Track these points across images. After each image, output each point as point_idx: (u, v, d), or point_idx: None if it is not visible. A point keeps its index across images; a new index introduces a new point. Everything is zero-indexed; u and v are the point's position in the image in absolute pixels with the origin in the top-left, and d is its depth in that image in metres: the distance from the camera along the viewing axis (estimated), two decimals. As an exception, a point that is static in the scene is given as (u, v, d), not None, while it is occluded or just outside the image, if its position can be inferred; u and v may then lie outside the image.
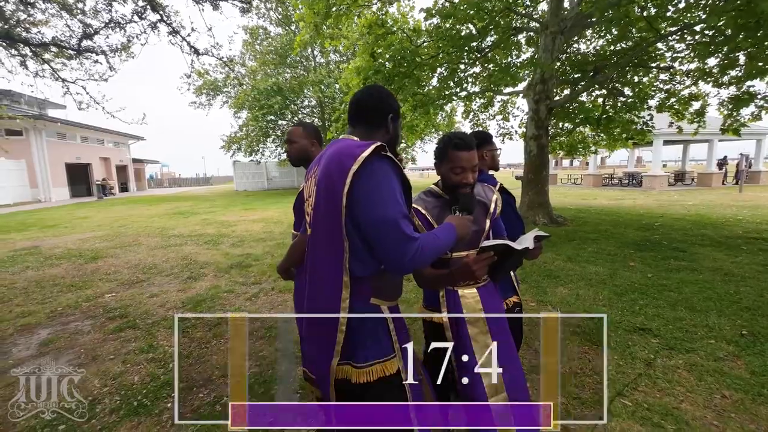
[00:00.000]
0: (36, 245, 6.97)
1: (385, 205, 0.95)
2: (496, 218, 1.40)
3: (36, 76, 5.28)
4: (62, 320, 3.50)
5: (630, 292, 3.62)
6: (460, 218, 1.20)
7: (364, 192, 0.97)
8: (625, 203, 11.78)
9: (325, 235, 1.03)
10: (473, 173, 1.28)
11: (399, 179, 1.03)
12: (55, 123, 19.81)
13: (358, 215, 0.98)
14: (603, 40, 8.96)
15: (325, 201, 1.02)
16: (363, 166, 0.97)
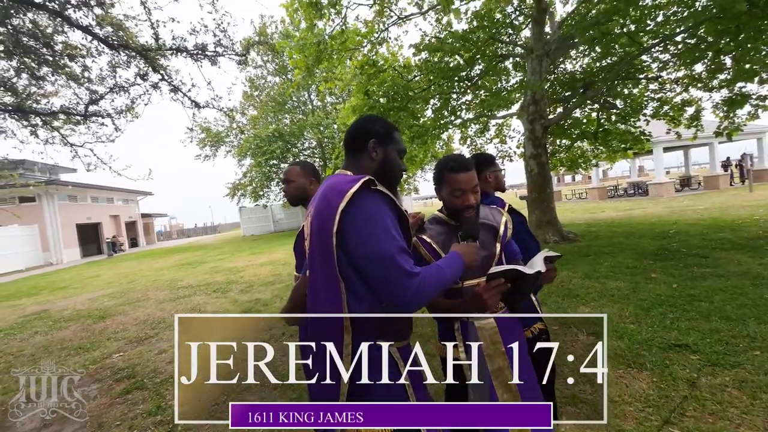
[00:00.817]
0: (45, 309, 6.93)
1: (378, 240, 0.89)
2: (508, 241, 1.33)
3: (46, 143, 5.51)
4: (63, 406, 3.37)
5: (657, 306, 3.43)
6: (466, 246, 1.14)
7: (355, 229, 0.92)
8: (635, 213, 11.59)
9: (321, 276, 0.97)
10: (475, 194, 1.23)
11: (393, 212, 0.97)
12: (66, 186, 20.48)
13: (353, 253, 0.92)
14: (588, 58, 9.25)
15: (318, 241, 0.97)
16: (351, 202, 0.92)
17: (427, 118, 9.14)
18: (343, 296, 0.92)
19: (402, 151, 1.15)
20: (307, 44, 7.70)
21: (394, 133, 1.13)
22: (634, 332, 2.90)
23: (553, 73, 9.13)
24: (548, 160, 8.42)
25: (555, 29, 8.23)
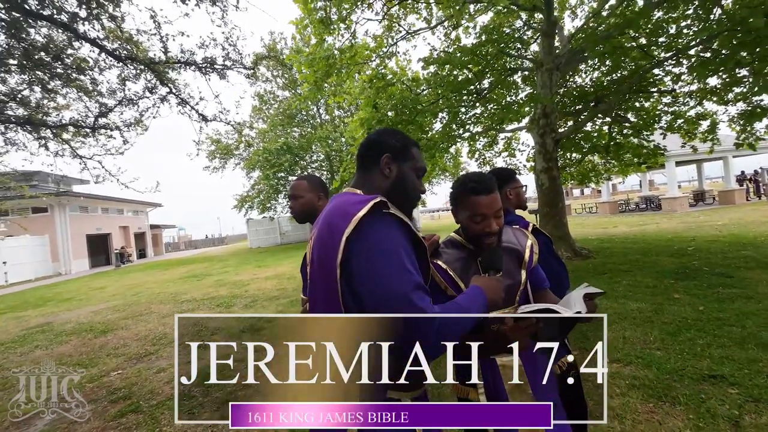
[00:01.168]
0: (49, 321, 6.86)
1: (389, 276, 0.75)
2: (534, 267, 1.18)
3: (56, 155, 5.53)
4: (62, 406, 3.23)
5: (684, 330, 3.20)
6: (489, 280, 0.99)
7: (363, 260, 0.78)
8: (649, 228, 11.28)
9: (323, 310, 0.84)
10: (498, 219, 1.08)
11: (408, 239, 0.84)
12: (78, 197, 20.79)
13: (359, 289, 0.78)
14: (598, 71, 9.16)
15: (320, 271, 0.85)
16: (358, 228, 0.79)
17: (435, 132, 9.08)
18: None
19: (420, 170, 1.01)
20: (317, 59, 7.75)
21: (412, 148, 1.00)
22: (662, 360, 2.69)
23: (563, 87, 9.05)
24: (559, 174, 8.25)
25: (565, 43, 8.19)
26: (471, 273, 1.08)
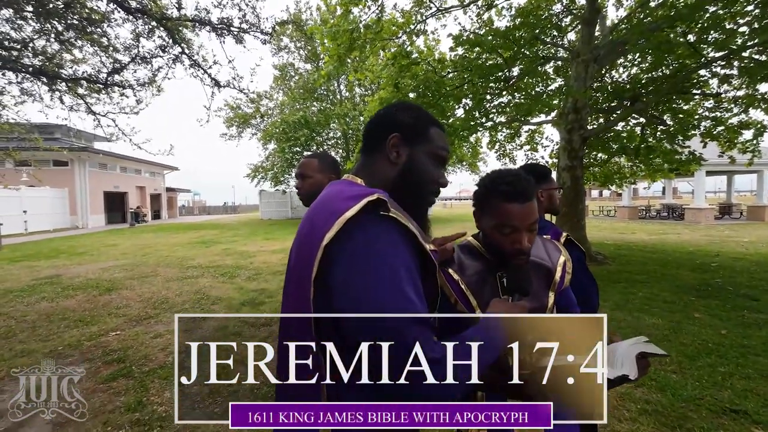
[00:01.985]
0: (59, 274, 7.00)
1: (381, 305, 0.57)
2: (564, 289, 1.00)
3: (71, 110, 5.46)
4: (59, 362, 3.25)
5: (704, 355, 2.99)
6: (512, 306, 0.79)
7: (346, 280, 0.60)
8: (669, 239, 10.83)
9: (297, 335, 0.67)
10: (531, 234, 0.87)
11: (412, 253, 0.64)
12: (98, 154, 21.12)
13: (340, 320, 0.61)
14: (637, 68, 8.58)
15: (295, 280, 0.68)
16: (345, 233, 0.60)
17: (457, 118, 8.72)
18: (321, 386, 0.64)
19: (440, 156, 0.79)
20: (340, 31, 7.42)
21: (430, 128, 0.78)
22: (677, 385, 2.50)
23: (598, 81, 8.52)
24: (583, 174, 7.87)
25: (606, 33, 7.63)
26: (487, 289, 0.90)
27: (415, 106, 0.81)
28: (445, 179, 0.81)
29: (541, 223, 1.31)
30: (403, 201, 0.71)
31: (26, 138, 6.26)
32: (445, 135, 0.82)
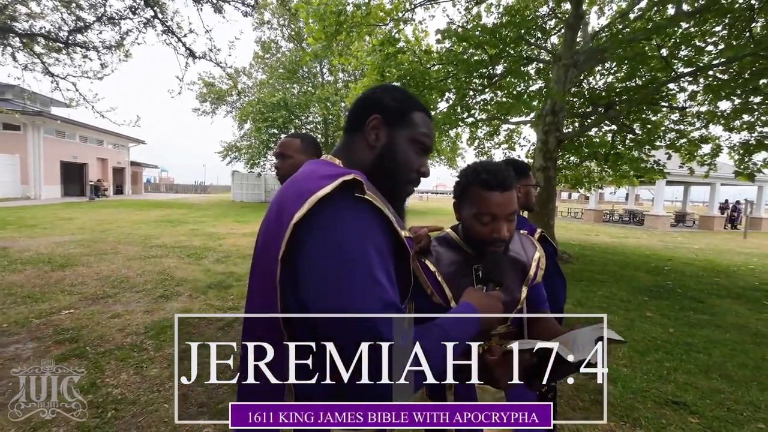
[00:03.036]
0: (6, 246, 6.49)
1: (349, 287, 0.55)
2: (536, 284, 1.01)
3: (25, 69, 4.99)
4: (2, 340, 3.03)
5: (653, 351, 3.20)
6: (486, 296, 0.79)
7: (314, 261, 0.57)
8: (629, 242, 11.47)
9: (262, 322, 0.64)
10: (509, 224, 0.88)
11: (386, 238, 0.62)
12: (55, 120, 19.59)
13: (305, 300, 0.58)
14: (612, 76, 8.91)
15: (260, 262, 0.65)
16: (315, 213, 0.58)
17: (439, 111, 8.75)
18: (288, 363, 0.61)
19: (422, 143, 0.75)
20: (327, 12, 7.19)
21: (413, 112, 0.74)
22: (628, 378, 2.67)
23: (576, 86, 8.78)
24: (555, 175, 8.14)
25: (587, 40, 7.85)
26: (464, 282, 0.90)
27: (401, 89, 0.78)
28: (427, 168, 0.77)
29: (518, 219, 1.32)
30: (380, 186, 0.69)
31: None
32: (430, 122, 0.78)
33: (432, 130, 0.78)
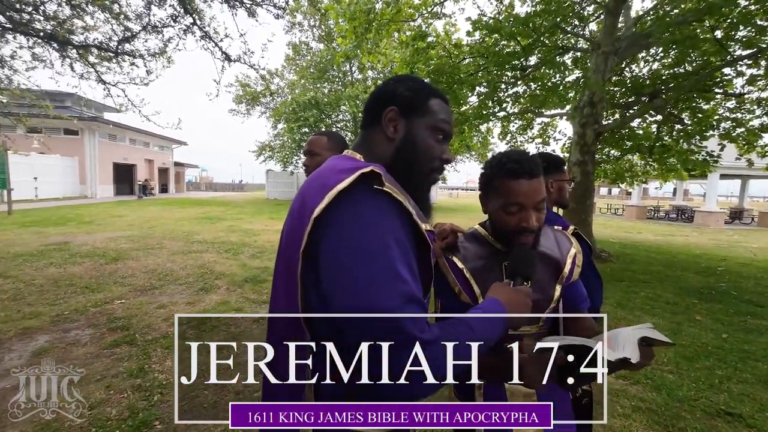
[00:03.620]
0: (67, 241, 7.12)
1: (370, 281, 0.54)
2: (573, 283, 0.97)
3: (81, 77, 5.43)
4: (65, 326, 3.33)
5: (703, 357, 2.98)
6: (514, 291, 0.76)
7: (335, 254, 0.58)
8: (676, 240, 10.71)
9: (284, 311, 0.66)
10: (538, 213, 0.86)
11: (406, 231, 0.61)
12: (108, 125, 21.16)
13: (327, 294, 0.59)
14: (659, 63, 8.31)
15: (284, 257, 0.67)
16: (334, 207, 0.58)
17: (470, 106, 8.56)
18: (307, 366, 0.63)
19: (442, 130, 0.73)
20: (357, 11, 7.23)
21: (430, 99, 0.73)
22: (673, 385, 2.50)
23: (617, 75, 8.28)
24: (593, 170, 7.74)
25: (629, 25, 7.37)
26: (491, 278, 0.88)
27: (416, 78, 0.77)
28: (449, 155, 0.75)
29: (549, 215, 1.28)
30: (402, 179, 0.68)
31: (37, 105, 6.26)
32: (448, 107, 0.76)
33: (451, 116, 0.76)
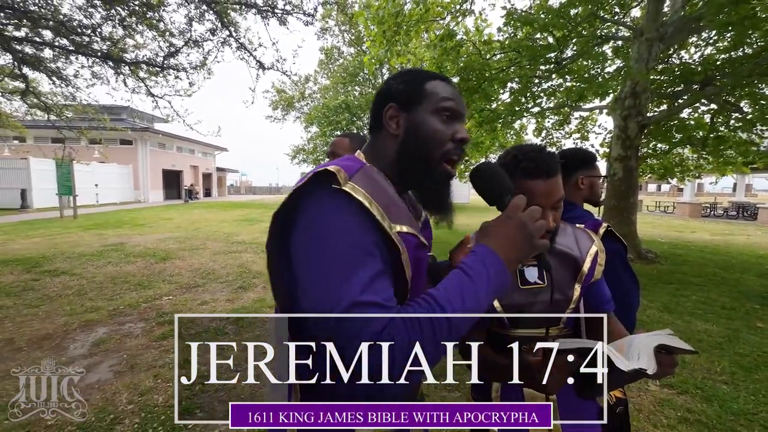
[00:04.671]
0: (123, 242, 7.77)
1: (315, 285, 0.54)
2: (595, 282, 0.93)
3: (133, 92, 5.93)
4: (120, 320, 3.65)
5: (764, 367, 2.72)
6: (504, 224, 0.66)
7: (295, 257, 0.58)
8: (737, 240, 9.79)
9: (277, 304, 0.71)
10: (555, 211, 0.84)
11: (365, 230, 0.56)
12: (158, 134, 22.82)
13: (294, 300, 0.60)
14: (713, 47, 7.65)
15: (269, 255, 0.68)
16: (298, 210, 0.59)
17: (501, 102, 8.35)
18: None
19: (446, 109, 0.68)
20: (386, 15, 7.30)
21: (426, 84, 0.69)
22: (728, 397, 2.31)
23: (663, 63, 7.73)
24: (638, 165, 7.27)
25: (677, 8, 6.85)
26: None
27: (411, 70, 0.74)
28: (464, 133, 0.68)
29: (578, 212, 1.24)
30: (412, 174, 0.68)
31: (96, 118, 6.89)
32: (450, 86, 0.71)
33: (456, 94, 0.71)
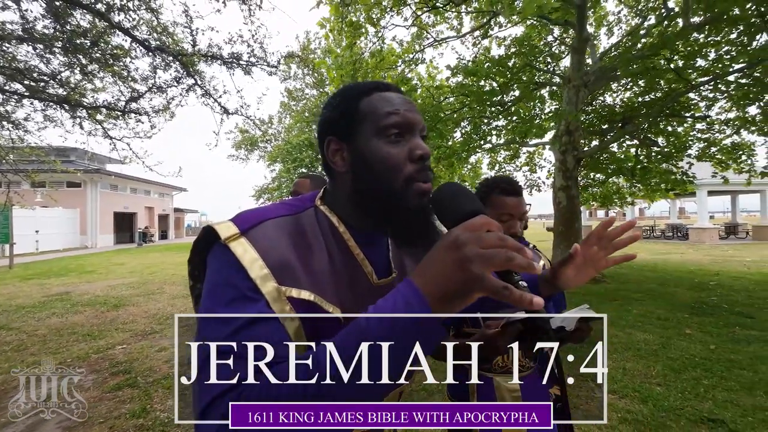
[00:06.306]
0: (68, 291, 7.21)
1: (198, 328, 0.56)
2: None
3: (89, 134, 5.82)
4: (63, 406, 3.40)
5: (690, 368, 3.06)
6: (437, 252, 0.49)
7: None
8: (672, 258, 10.82)
9: None
10: (520, 221, 1.14)
11: (233, 282, 0.53)
12: (110, 176, 21.78)
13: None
14: (630, 92, 8.90)
15: None
16: (202, 262, 0.60)
17: (456, 141, 9.04)
18: None
19: (390, 126, 0.58)
20: (345, 62, 7.87)
21: (359, 102, 0.60)
22: (660, 397, 2.58)
23: (590, 105, 8.84)
24: (578, 194, 8.04)
25: (596, 60, 8.00)
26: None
27: (342, 88, 0.65)
28: (422, 148, 0.58)
29: None
30: (377, 208, 0.59)
31: (45, 161, 6.61)
32: (390, 93, 0.62)
33: (401, 102, 0.60)
